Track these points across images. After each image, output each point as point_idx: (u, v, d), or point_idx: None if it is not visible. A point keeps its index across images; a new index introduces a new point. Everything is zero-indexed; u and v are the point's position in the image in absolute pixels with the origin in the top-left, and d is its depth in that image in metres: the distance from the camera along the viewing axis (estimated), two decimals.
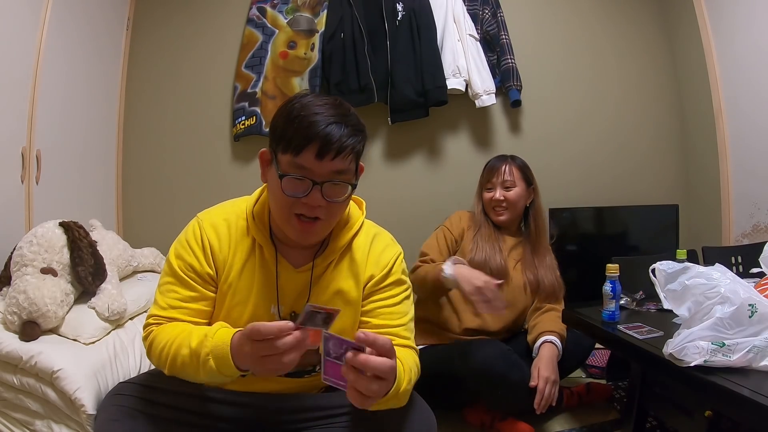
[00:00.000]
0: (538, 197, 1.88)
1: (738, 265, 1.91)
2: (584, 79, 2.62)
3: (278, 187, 0.94)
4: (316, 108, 0.93)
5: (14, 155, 1.65)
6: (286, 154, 0.93)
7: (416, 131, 2.47)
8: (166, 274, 1.05)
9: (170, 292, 1.03)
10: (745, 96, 2.23)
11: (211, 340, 0.89)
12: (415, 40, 2.34)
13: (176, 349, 0.93)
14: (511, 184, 1.81)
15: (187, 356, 0.91)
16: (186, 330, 0.96)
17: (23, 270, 1.32)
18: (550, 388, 1.51)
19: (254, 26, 2.43)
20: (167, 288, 1.03)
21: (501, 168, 1.83)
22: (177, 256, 1.04)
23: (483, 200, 1.86)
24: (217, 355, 0.87)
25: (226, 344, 0.86)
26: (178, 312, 1.01)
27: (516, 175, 1.83)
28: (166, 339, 0.96)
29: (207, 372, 0.89)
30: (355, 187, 0.99)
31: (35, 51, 1.74)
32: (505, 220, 1.82)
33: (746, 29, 2.18)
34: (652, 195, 2.59)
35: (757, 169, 2.19)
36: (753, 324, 1.03)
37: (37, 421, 1.19)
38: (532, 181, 1.86)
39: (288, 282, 1.05)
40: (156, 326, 1.01)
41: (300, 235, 0.99)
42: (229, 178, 2.47)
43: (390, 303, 1.08)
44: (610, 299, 1.45)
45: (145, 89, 2.48)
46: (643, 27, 2.66)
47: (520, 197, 1.82)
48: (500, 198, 1.80)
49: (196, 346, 0.90)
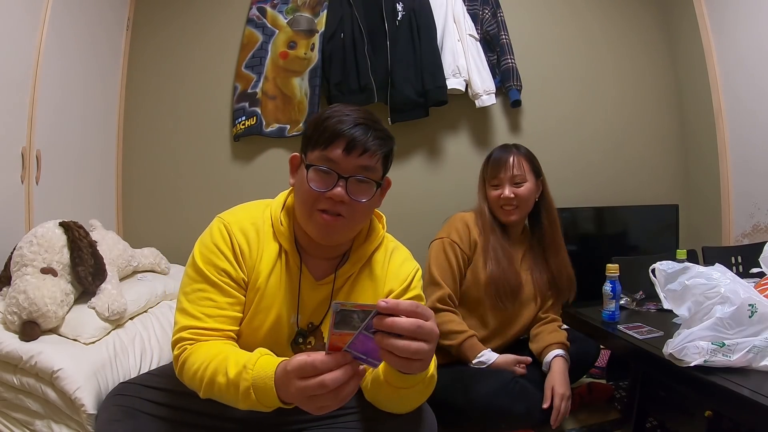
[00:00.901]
0: (548, 188, 1.69)
1: (738, 265, 1.91)
2: (584, 79, 2.62)
3: (304, 181, 0.96)
4: (348, 111, 0.98)
5: (14, 155, 1.65)
6: (315, 150, 0.96)
7: (416, 131, 2.47)
8: (195, 281, 0.99)
9: (204, 300, 0.97)
10: (745, 96, 2.23)
11: (251, 372, 0.81)
12: (415, 40, 2.34)
13: (211, 376, 0.87)
14: (521, 178, 1.61)
15: (224, 385, 0.84)
16: (222, 353, 0.89)
17: (23, 270, 1.31)
18: (566, 404, 1.46)
19: (254, 26, 2.43)
20: (200, 296, 0.98)
21: (508, 160, 1.61)
22: (207, 262, 0.99)
23: (488, 199, 1.65)
24: (259, 387, 0.80)
25: (270, 378, 0.78)
26: (216, 321, 0.97)
27: (525, 168, 1.62)
28: (200, 361, 0.89)
29: (248, 404, 0.83)
30: (380, 186, 1.00)
31: (35, 51, 1.74)
32: (516, 220, 1.64)
33: (746, 29, 2.18)
34: (652, 195, 2.59)
35: (757, 168, 2.19)
36: (753, 324, 1.03)
37: (37, 421, 1.19)
38: (540, 172, 1.67)
39: (309, 293, 1.05)
40: (191, 343, 0.94)
41: (322, 230, 0.98)
42: (229, 178, 2.47)
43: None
44: (610, 299, 1.45)
45: (145, 89, 2.48)
46: (643, 27, 2.66)
47: (531, 193, 1.62)
48: (510, 195, 1.60)
49: (234, 376, 0.83)
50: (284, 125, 2.43)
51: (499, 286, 1.57)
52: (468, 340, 1.52)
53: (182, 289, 1.01)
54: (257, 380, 0.80)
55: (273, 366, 0.79)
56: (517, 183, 1.61)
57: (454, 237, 1.62)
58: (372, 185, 0.98)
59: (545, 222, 1.67)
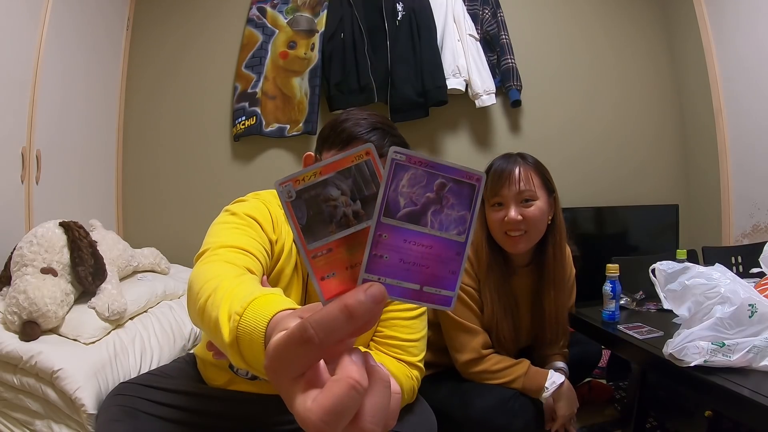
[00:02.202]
0: (560, 213, 1.35)
1: (738, 265, 1.91)
2: (584, 79, 2.62)
3: None
4: (364, 114, 0.99)
5: (14, 155, 1.65)
6: (331, 150, 0.97)
7: (416, 131, 2.47)
8: (229, 222, 0.91)
9: (242, 235, 0.88)
10: (745, 96, 2.23)
11: (241, 312, 0.50)
12: (415, 40, 2.34)
13: (204, 302, 0.63)
14: (530, 195, 1.27)
15: (212, 321, 0.58)
16: (229, 275, 0.71)
17: (23, 270, 1.32)
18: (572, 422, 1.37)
19: (254, 26, 2.43)
20: (236, 232, 0.88)
21: (513, 173, 1.28)
22: (245, 213, 0.93)
23: (488, 223, 1.32)
24: (245, 335, 0.48)
25: (264, 320, 0.46)
26: (256, 249, 0.86)
27: (535, 182, 1.28)
28: (205, 277, 0.69)
29: (234, 358, 0.51)
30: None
31: (35, 51, 1.74)
32: (524, 250, 1.31)
33: (746, 29, 2.18)
34: (652, 195, 2.59)
35: (757, 169, 2.19)
36: (753, 324, 1.03)
37: (37, 421, 1.19)
38: (553, 187, 1.34)
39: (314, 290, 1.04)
40: (215, 253, 0.80)
41: None
42: (229, 178, 2.47)
43: (405, 316, 1.07)
44: (610, 299, 1.45)
45: (145, 89, 2.48)
46: (643, 27, 2.66)
47: (543, 214, 1.29)
48: (518, 218, 1.26)
49: (223, 313, 0.56)
50: (284, 125, 2.43)
51: (498, 336, 1.37)
52: (530, 366, 1.34)
53: (209, 234, 0.90)
54: (245, 323, 0.48)
55: (275, 306, 0.46)
56: (525, 201, 1.28)
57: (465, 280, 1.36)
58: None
59: (550, 251, 1.34)
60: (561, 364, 1.44)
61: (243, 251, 0.83)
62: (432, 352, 1.45)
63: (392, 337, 1.04)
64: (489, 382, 1.31)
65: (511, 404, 1.28)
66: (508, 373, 1.31)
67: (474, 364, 1.32)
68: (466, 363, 1.33)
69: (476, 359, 1.32)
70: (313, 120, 2.41)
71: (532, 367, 1.33)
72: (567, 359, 1.48)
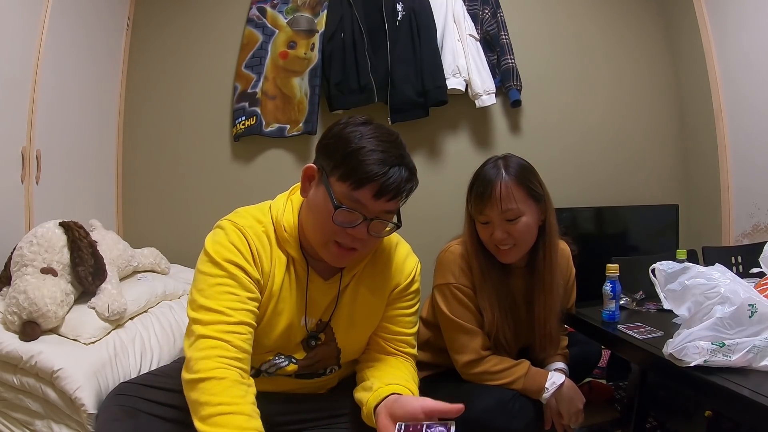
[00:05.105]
0: (552, 214, 1.34)
1: (738, 265, 1.91)
2: (584, 80, 2.62)
3: (328, 214, 0.94)
4: (379, 144, 0.93)
5: (14, 155, 1.65)
6: (343, 184, 0.93)
7: (416, 131, 2.47)
8: (213, 276, 0.96)
9: (227, 294, 0.94)
10: (745, 96, 2.23)
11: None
12: (415, 40, 2.34)
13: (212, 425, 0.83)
14: (514, 213, 1.25)
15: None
16: (241, 413, 0.85)
17: (23, 270, 1.31)
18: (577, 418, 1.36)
19: (254, 26, 2.43)
20: (220, 290, 0.94)
21: (494, 192, 1.25)
22: (225, 259, 0.96)
23: (479, 236, 1.34)
24: None
25: None
26: (241, 314, 0.94)
27: (518, 197, 1.26)
28: (218, 400, 0.85)
29: None
30: (398, 227, 1.02)
31: (35, 51, 1.74)
32: (515, 259, 1.33)
33: (746, 29, 2.18)
34: (652, 195, 2.59)
35: (757, 168, 2.19)
36: (753, 324, 1.03)
37: (37, 421, 1.19)
38: (540, 195, 1.31)
39: (317, 293, 1.06)
40: (221, 349, 0.89)
41: (334, 259, 1.01)
42: (229, 178, 2.47)
43: (409, 312, 1.15)
44: (610, 299, 1.44)
45: (145, 89, 2.48)
46: (644, 27, 2.66)
47: (530, 227, 1.29)
48: (503, 237, 1.27)
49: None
50: (284, 125, 2.43)
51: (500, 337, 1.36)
52: (530, 366, 1.34)
53: (196, 286, 0.97)
54: None
55: None
56: (510, 219, 1.26)
57: (462, 281, 1.35)
58: (392, 226, 1.00)
59: (541, 255, 1.34)
60: (561, 364, 1.44)
61: (234, 326, 0.92)
62: (432, 352, 1.46)
63: (399, 333, 1.13)
64: (489, 383, 1.31)
65: (511, 405, 1.27)
66: (508, 374, 1.31)
67: (474, 365, 1.33)
68: (466, 364, 1.34)
69: (476, 360, 1.33)
70: (313, 120, 2.41)
71: (533, 368, 1.34)
72: (567, 359, 1.48)
